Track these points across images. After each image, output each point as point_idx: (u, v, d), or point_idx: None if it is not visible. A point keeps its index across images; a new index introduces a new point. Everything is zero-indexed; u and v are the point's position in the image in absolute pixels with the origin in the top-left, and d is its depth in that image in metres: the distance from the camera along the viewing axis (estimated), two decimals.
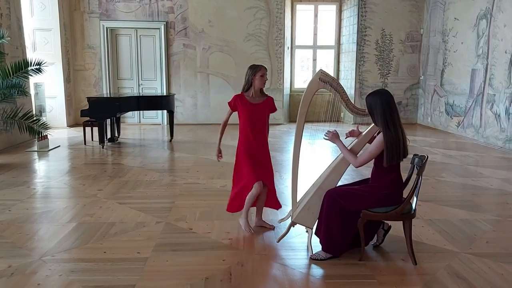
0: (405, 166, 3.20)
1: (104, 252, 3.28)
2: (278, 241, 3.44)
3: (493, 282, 2.85)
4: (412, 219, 3.14)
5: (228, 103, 3.70)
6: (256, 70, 3.58)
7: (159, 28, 10.14)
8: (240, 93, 3.70)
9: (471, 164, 6.37)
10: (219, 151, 3.82)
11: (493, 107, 7.79)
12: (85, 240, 3.51)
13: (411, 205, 3.12)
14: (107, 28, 10.10)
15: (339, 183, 3.35)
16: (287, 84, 10.87)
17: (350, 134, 3.38)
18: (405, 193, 3.14)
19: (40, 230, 3.73)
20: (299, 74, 11.43)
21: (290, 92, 11.14)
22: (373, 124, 3.22)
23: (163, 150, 7.47)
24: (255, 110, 3.62)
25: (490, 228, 3.84)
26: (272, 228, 3.76)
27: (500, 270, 3.03)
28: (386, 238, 3.40)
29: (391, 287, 2.80)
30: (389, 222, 3.36)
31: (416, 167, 3.12)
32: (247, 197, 3.58)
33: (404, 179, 3.19)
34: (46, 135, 7.24)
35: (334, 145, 3.27)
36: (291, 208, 3.45)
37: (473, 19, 8.39)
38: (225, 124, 3.78)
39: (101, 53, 10.15)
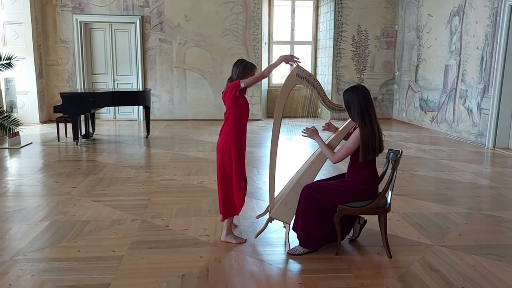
0: (380, 161, 3.24)
1: (78, 250, 3.21)
2: (256, 236, 3.43)
3: (465, 274, 2.93)
4: (387, 213, 3.19)
5: (238, 82, 3.21)
6: (252, 68, 3.29)
7: (134, 23, 9.97)
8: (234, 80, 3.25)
9: (445, 158, 6.52)
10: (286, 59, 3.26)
11: (466, 102, 7.98)
12: (59, 239, 3.43)
13: (386, 199, 3.16)
14: (80, 22, 9.87)
15: (316, 178, 3.37)
16: (264, 80, 10.86)
17: (327, 126, 3.40)
18: (381, 188, 3.18)
19: (11, 229, 3.62)
20: (276, 69, 11.38)
21: (268, 87, 11.15)
22: (350, 119, 3.25)
23: (139, 147, 7.37)
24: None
25: (462, 221, 3.93)
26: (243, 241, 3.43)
27: (472, 261, 3.11)
28: (362, 232, 3.45)
29: (366, 280, 2.83)
30: (365, 216, 3.41)
31: (391, 162, 3.17)
32: (228, 220, 3.38)
33: (379, 174, 3.24)
34: (18, 132, 7.05)
35: (312, 140, 3.29)
36: (268, 203, 3.45)
37: (446, 15, 8.55)
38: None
39: (74, 47, 9.91)
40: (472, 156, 6.70)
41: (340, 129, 3.36)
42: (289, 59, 3.25)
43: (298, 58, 3.24)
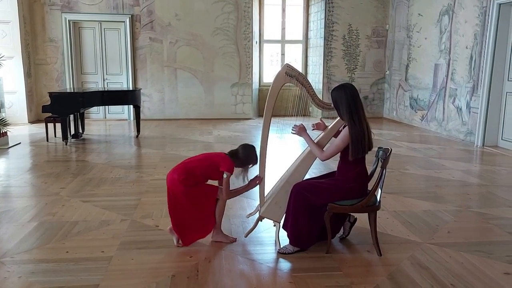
0: (370, 159, 3.24)
1: (67, 251, 3.18)
2: (246, 236, 3.42)
3: (453, 271, 2.94)
4: (377, 211, 3.20)
5: (229, 168, 3.17)
6: (254, 162, 3.29)
7: (124, 21, 9.91)
8: (232, 160, 3.22)
9: (434, 157, 6.56)
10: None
11: (455, 101, 8.03)
12: (47, 240, 3.39)
13: (376, 197, 3.17)
14: (69, 21, 9.78)
15: (306, 177, 3.37)
16: (255, 79, 10.86)
17: (317, 126, 3.41)
18: (370, 186, 3.19)
19: None
20: (268, 68, 11.43)
21: (259, 86, 11.14)
22: (339, 118, 3.26)
23: (129, 146, 7.32)
24: None
25: (451, 218, 3.96)
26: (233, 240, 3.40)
27: (461, 259, 3.13)
28: (352, 230, 3.45)
29: (356, 278, 2.84)
30: (355, 215, 3.41)
31: (380, 160, 3.18)
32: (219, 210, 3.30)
33: (369, 172, 3.24)
34: (6, 132, 6.97)
35: (302, 139, 3.29)
36: (258, 202, 3.44)
37: (436, 15, 8.60)
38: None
39: (63, 46, 9.82)
40: (462, 155, 6.75)
41: (329, 127, 3.36)
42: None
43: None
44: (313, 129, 3.42)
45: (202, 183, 3.25)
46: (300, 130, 3.25)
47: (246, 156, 3.27)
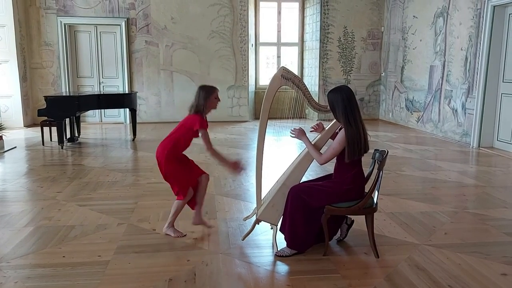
0: (366, 161, 3.25)
1: (63, 256, 3.16)
2: (243, 239, 3.42)
3: (451, 272, 2.95)
4: (374, 213, 3.20)
5: (202, 124, 3.38)
6: (212, 91, 3.42)
7: (119, 25, 9.90)
8: (198, 114, 3.42)
9: (430, 158, 6.58)
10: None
11: (451, 103, 8.07)
12: (43, 244, 3.37)
13: (373, 199, 3.17)
14: (65, 25, 9.77)
15: (303, 179, 3.37)
16: (252, 81, 10.86)
17: (315, 128, 3.41)
18: (367, 188, 3.19)
19: None
20: (264, 71, 11.44)
21: (255, 89, 11.15)
22: (335, 120, 3.26)
23: (125, 150, 7.30)
24: None
25: (448, 219, 3.97)
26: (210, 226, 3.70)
27: (458, 260, 3.14)
28: (349, 232, 3.46)
29: (354, 280, 2.84)
30: (352, 217, 3.42)
31: (377, 162, 3.19)
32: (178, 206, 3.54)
33: (365, 174, 3.25)
34: (1, 136, 6.94)
35: (299, 141, 3.29)
36: (255, 205, 3.44)
37: (431, 17, 8.64)
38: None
39: (59, 50, 9.80)
40: (458, 156, 6.77)
41: (325, 129, 3.37)
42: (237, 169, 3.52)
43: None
44: (311, 131, 3.42)
45: (182, 163, 3.64)
46: (300, 134, 3.25)
47: (199, 99, 3.40)
